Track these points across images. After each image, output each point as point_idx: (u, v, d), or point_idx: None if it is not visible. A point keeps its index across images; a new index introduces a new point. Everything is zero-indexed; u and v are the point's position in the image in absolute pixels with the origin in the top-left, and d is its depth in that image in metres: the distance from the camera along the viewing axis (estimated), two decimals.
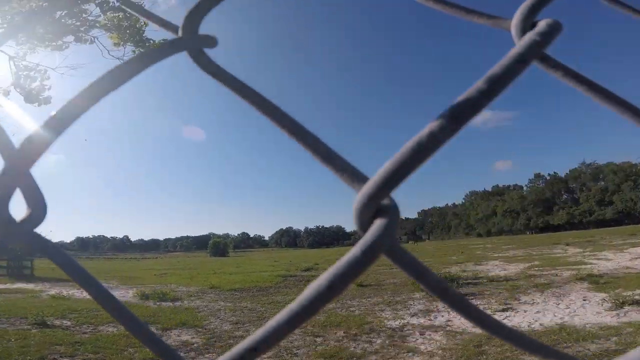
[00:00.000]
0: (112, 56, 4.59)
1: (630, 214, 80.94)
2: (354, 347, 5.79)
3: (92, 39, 4.31)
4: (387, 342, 6.01)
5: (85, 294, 13.13)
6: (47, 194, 0.34)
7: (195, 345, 6.22)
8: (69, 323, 7.77)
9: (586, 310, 7.12)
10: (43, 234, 0.34)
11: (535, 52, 0.24)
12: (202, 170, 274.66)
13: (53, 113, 0.31)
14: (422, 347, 5.65)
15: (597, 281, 9.98)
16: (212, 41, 0.36)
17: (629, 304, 6.92)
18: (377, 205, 0.21)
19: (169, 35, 0.39)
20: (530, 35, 0.24)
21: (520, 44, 0.24)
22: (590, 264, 14.60)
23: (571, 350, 4.73)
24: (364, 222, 0.22)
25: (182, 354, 3.65)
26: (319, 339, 6.42)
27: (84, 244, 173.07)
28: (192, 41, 0.35)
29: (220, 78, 0.35)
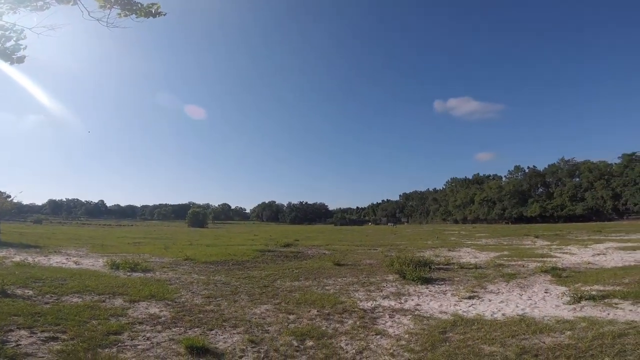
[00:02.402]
0: (92, 17, 4.25)
1: (599, 211, 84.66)
2: (326, 327, 5.89)
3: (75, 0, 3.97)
4: (357, 323, 6.14)
5: (51, 262, 12.79)
6: (23, 153, 0.25)
7: (162, 318, 6.14)
8: (31, 292, 7.51)
9: (546, 302, 7.44)
10: (12, 194, 0.26)
11: None
12: (184, 137, 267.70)
13: None
14: (391, 330, 5.78)
15: (559, 274, 10.44)
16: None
17: (586, 299, 7.26)
18: None
19: None
20: None
21: None
22: (556, 257, 15.27)
23: (528, 343, 4.94)
24: None
25: (148, 327, 3.58)
26: (292, 317, 6.50)
27: (56, 208, 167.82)
28: None
29: None
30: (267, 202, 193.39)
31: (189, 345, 4.70)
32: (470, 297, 8.04)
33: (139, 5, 4.46)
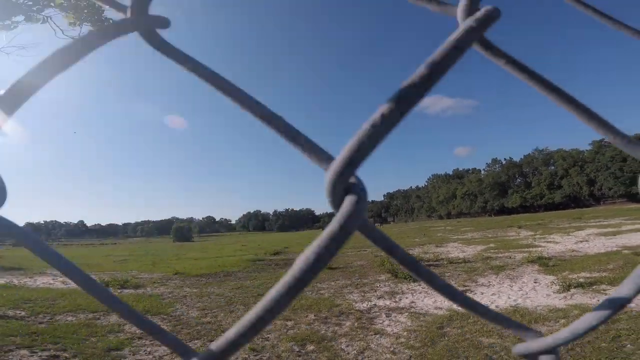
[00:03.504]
0: (67, 36, 4.19)
1: (577, 197, 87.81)
2: (325, 330, 5.91)
3: (45, 18, 3.90)
4: (355, 324, 6.19)
5: (38, 283, 12.35)
6: None
7: None
8: (23, 313, 7.34)
9: (537, 292, 7.68)
10: None
11: (471, 38, 0.26)
12: (162, 152, 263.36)
13: (1, 92, 0.30)
14: (389, 328, 5.86)
15: (546, 264, 10.77)
16: (164, 22, 0.36)
17: (575, 287, 7.53)
18: (345, 184, 0.24)
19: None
20: (467, 22, 0.27)
21: (458, 30, 0.26)
22: (540, 246, 15.74)
23: None
24: (336, 200, 0.24)
25: (148, 342, 3.50)
26: (290, 323, 6.49)
27: (35, 230, 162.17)
28: (142, 22, 0.35)
29: (175, 57, 0.35)
30: (252, 211, 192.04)
31: None
32: (463, 291, 8.20)
33: (110, 21, 4.43)
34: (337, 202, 0.24)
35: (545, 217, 45.85)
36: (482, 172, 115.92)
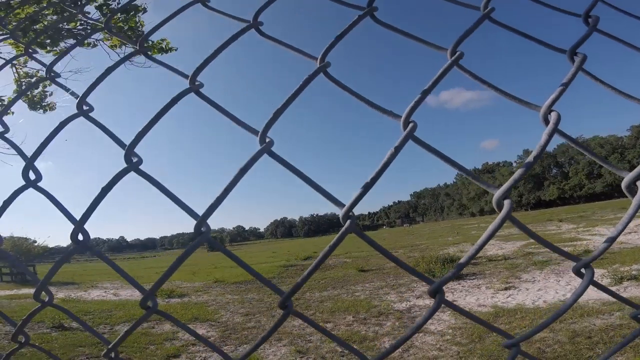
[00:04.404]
0: (114, 59, 4.56)
1: (619, 186, 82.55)
2: (365, 331, 5.97)
3: (95, 42, 4.27)
4: (396, 323, 6.21)
5: (92, 296, 13.07)
6: (36, 201, 0.49)
7: (211, 338, 6.35)
8: None
9: None
10: (40, 239, 0.48)
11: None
12: (192, 166, 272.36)
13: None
14: (432, 327, 5.84)
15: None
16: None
17: (628, 279, 7.18)
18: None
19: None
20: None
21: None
22: (585, 239, 15.02)
23: (578, 326, 4.95)
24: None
25: (201, 348, 3.73)
26: (329, 325, 6.60)
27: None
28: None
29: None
30: (279, 219, 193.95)
31: None
32: (506, 289, 8.01)
33: (150, 42, 4.78)
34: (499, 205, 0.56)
35: (588, 209, 43.47)
36: (514, 164, 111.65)
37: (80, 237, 0.69)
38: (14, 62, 4.12)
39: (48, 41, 4.23)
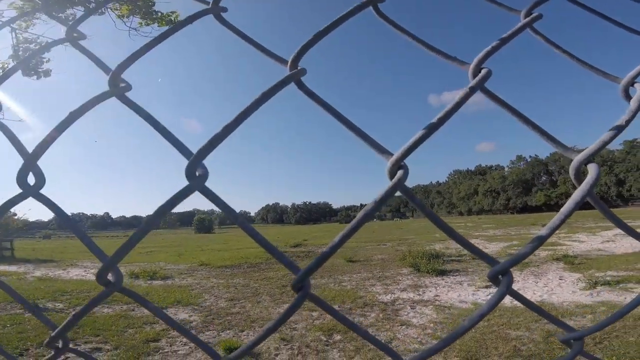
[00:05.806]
0: (119, 28, 4.47)
1: (604, 197, 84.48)
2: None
3: (104, 9, 4.17)
4: (381, 315, 6.32)
5: (71, 275, 12.96)
6: (16, 168, 0.53)
7: (193, 323, 6.37)
8: (61, 305, 7.72)
9: (563, 289, 7.62)
10: (20, 212, 0.44)
11: (472, 93, 0.49)
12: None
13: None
14: (415, 320, 5.97)
15: (572, 262, 10.60)
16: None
17: (601, 285, 7.45)
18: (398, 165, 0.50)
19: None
20: (470, 84, 0.50)
21: (465, 88, 0.49)
22: (565, 245, 15.41)
23: (552, 327, 5.12)
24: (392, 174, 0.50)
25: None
26: (315, 314, 6.68)
27: (62, 223, 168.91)
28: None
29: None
30: (270, 204, 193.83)
31: (227, 348, 4.92)
32: (487, 287, 8.21)
33: (159, 14, 4.70)
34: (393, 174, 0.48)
35: (571, 217, 44.22)
36: (506, 169, 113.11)
37: (110, 277, 0.52)
38: (15, 26, 4.01)
39: (56, 6, 4.14)
